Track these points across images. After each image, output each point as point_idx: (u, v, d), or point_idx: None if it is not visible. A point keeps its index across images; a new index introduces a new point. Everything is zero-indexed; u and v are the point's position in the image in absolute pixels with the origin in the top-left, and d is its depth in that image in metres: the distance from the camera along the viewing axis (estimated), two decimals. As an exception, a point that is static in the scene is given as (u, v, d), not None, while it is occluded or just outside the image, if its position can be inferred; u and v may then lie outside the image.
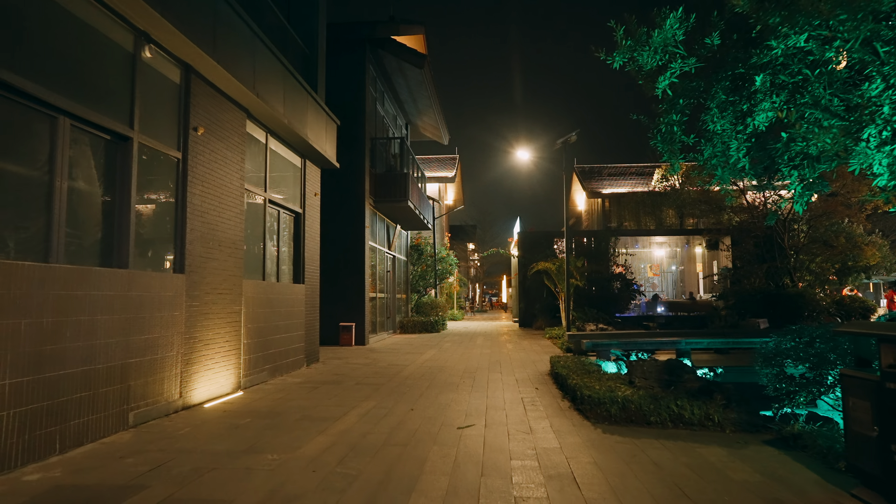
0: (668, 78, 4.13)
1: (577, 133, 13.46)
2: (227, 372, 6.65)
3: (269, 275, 8.39)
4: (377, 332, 15.23)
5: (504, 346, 13.39)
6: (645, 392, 5.18)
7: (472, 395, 6.70)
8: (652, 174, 29.88)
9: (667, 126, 4.59)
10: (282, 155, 8.88)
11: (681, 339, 8.95)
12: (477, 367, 9.45)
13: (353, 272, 13.46)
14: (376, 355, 11.23)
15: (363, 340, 13.38)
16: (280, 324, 8.32)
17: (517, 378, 8.11)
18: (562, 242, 20.41)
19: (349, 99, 13.64)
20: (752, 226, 17.90)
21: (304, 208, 9.58)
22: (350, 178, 13.56)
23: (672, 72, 4.10)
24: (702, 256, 22.83)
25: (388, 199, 14.60)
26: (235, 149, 7.02)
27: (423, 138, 20.82)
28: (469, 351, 12.15)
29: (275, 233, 8.66)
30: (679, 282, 24.54)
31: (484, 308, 46.80)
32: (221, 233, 6.60)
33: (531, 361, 10.13)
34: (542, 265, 16.00)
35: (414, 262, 20.52)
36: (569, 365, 7.34)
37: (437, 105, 17.19)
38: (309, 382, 7.74)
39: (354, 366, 9.52)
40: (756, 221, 17.88)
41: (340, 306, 13.44)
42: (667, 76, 4.13)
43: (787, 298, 15.36)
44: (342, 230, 13.51)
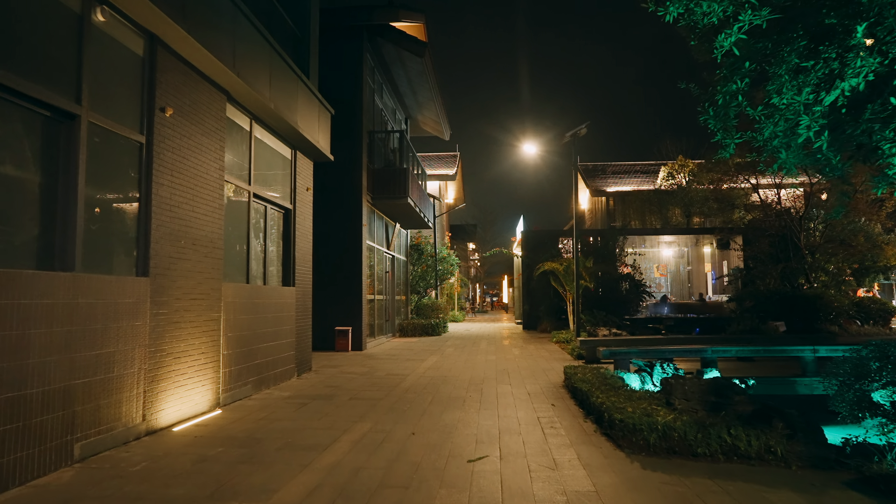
0: (734, 33, 3.32)
1: (587, 126, 12.64)
2: (202, 388, 5.82)
3: (255, 277, 7.57)
4: (375, 336, 14.41)
5: (509, 351, 12.57)
6: (689, 417, 4.36)
7: (482, 414, 5.88)
8: (657, 172, 29.08)
9: (724, 97, 3.77)
10: (269, 145, 8.05)
11: (706, 346, 8.13)
12: (483, 376, 8.63)
13: (350, 273, 12.64)
14: (374, 363, 10.41)
15: (360, 345, 12.56)
16: (267, 331, 7.50)
17: (529, 391, 7.29)
18: (567, 242, 19.59)
19: (345, 90, 12.81)
20: (766, 224, 17.10)
21: (295, 204, 8.76)
22: (346, 174, 12.74)
23: (740, 25, 3.29)
24: (711, 256, 22.03)
25: (387, 195, 13.77)
26: (213, 135, 6.20)
27: (424, 134, 19.99)
28: (473, 357, 11.33)
29: (261, 231, 7.83)
30: (687, 282, 23.75)
31: (485, 309, 46.02)
32: (196, 230, 5.78)
33: (541, 370, 9.30)
34: (548, 265, 15.19)
35: (414, 263, 19.71)
36: (588, 378, 6.52)
37: (439, 97, 16.36)
38: (298, 397, 6.92)
39: (350, 376, 8.70)
40: (771, 220, 17.09)
41: (336, 310, 12.62)
42: (733, 31, 3.31)
43: (804, 300, 14.54)
44: (338, 229, 12.69)
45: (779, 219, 17.16)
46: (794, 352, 8.02)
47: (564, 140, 13.01)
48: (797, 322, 14.40)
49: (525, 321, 19.73)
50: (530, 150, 13.44)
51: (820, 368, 7.99)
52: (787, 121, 3.77)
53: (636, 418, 4.45)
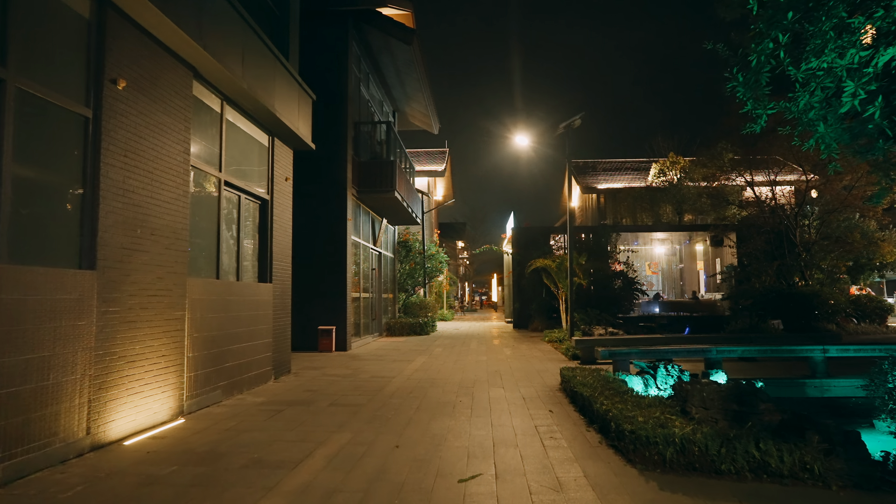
0: (778, -25, 2.82)
1: (581, 117, 12.14)
2: (162, 395, 5.21)
3: (227, 272, 6.95)
4: (361, 336, 13.81)
5: (501, 351, 12.03)
6: (709, 428, 3.84)
7: (473, 422, 5.33)
8: (648, 169, 28.74)
9: (758, 57, 3.25)
10: (243, 130, 7.43)
11: (711, 346, 7.64)
12: (474, 378, 8.08)
13: (334, 270, 12.03)
14: (358, 364, 9.81)
15: (345, 346, 11.96)
16: (240, 331, 6.88)
17: (524, 395, 6.75)
18: (559, 238, 19.11)
19: (330, 78, 12.20)
20: (761, 221, 16.74)
21: (273, 195, 8.14)
22: (330, 166, 12.13)
23: (784, -32, 2.79)
24: (703, 254, 21.68)
25: (373, 189, 13.17)
26: (177, 114, 5.58)
27: (412, 127, 19.40)
28: (463, 357, 10.77)
29: (234, 222, 7.21)
30: (679, 280, 23.39)
31: (474, 307, 45.52)
32: (156, 218, 5.16)
33: (535, 372, 8.77)
34: (540, 262, 14.68)
35: (402, 260, 19.12)
36: (588, 381, 5.99)
37: (427, 88, 15.77)
38: (272, 403, 6.31)
39: (331, 378, 8.10)
40: (766, 216, 16.73)
41: (319, 308, 12.01)
42: (776, -28, 2.82)
43: (801, 298, 14.16)
44: (321, 223, 12.07)
45: (774, 215, 16.82)
46: (802, 352, 7.56)
47: (558, 132, 12.50)
48: (793, 320, 14.03)
49: (516, 320, 19.23)
50: (522, 143, 12.93)
51: (830, 369, 7.54)
52: (825, 89, 3.25)
53: (649, 430, 3.92)
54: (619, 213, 27.65)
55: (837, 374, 7.68)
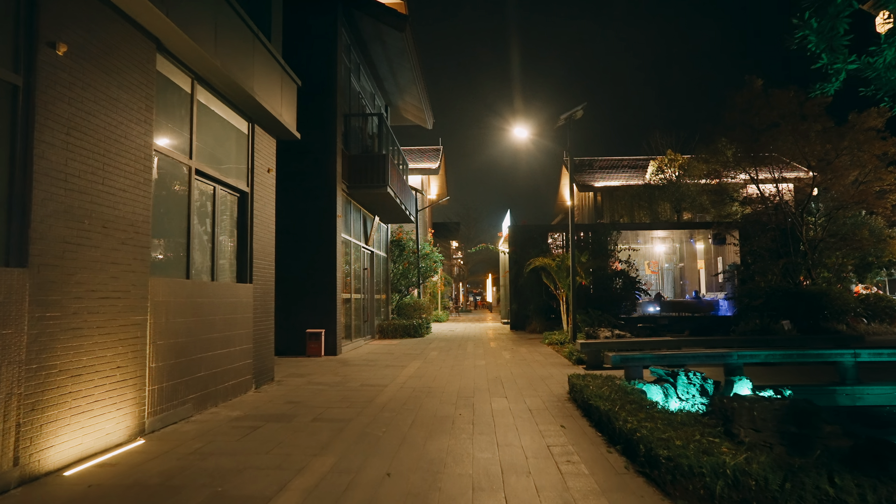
0: None
1: (584, 108, 11.50)
2: (117, 413, 4.49)
3: (200, 271, 6.23)
4: (352, 339, 13.09)
5: (500, 354, 11.36)
6: (766, 457, 3.17)
7: (477, 442, 4.64)
8: (646, 167, 28.21)
9: None
10: (218, 114, 6.71)
11: (731, 351, 7.00)
12: (474, 386, 7.40)
13: (323, 269, 11.32)
14: (348, 370, 9.11)
15: (335, 350, 11.24)
16: (214, 336, 6.16)
17: (530, 406, 6.08)
18: (557, 237, 18.48)
19: (318, 67, 11.48)
20: (766, 218, 16.17)
21: (253, 187, 7.42)
22: (319, 159, 11.41)
23: None
24: (704, 252, 21.11)
25: (365, 184, 12.47)
26: (137, 91, 4.86)
27: (405, 123, 18.70)
28: (460, 362, 10.09)
29: (208, 216, 6.48)
30: (679, 280, 22.83)
31: (468, 308, 44.84)
32: (109, 209, 4.44)
33: (539, 378, 8.10)
34: (539, 261, 14.02)
35: (395, 259, 18.41)
36: (604, 393, 5.32)
37: (421, 79, 15.08)
38: (249, 418, 5.60)
39: (318, 388, 7.39)
40: (771, 213, 16.16)
41: (307, 310, 11.29)
42: None
43: (810, 297, 13.58)
44: (309, 220, 11.35)
45: (779, 212, 16.26)
46: (831, 356, 6.93)
47: (559, 123, 11.84)
48: (801, 320, 13.46)
49: (513, 321, 18.57)
50: (521, 135, 12.27)
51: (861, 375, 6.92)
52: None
53: (691, 457, 3.25)
54: (617, 211, 27.09)
55: (864, 379, 7.07)
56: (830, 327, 13.59)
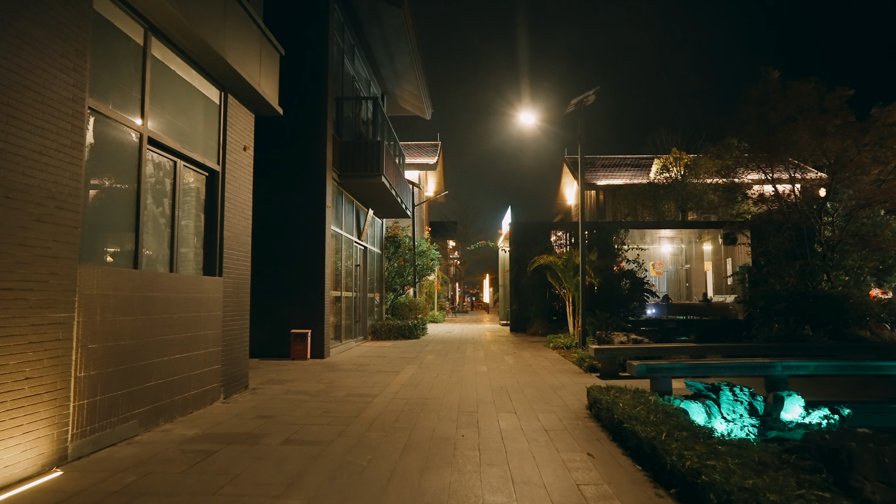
0: None
1: (596, 92, 10.53)
2: (23, 437, 3.46)
3: (154, 261, 5.20)
4: (342, 340, 12.07)
5: (502, 359, 10.36)
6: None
7: (485, 477, 3.64)
8: (649, 166, 27.31)
9: None
10: (181, 76, 5.69)
11: (774, 361, 6.03)
12: (476, 398, 6.40)
13: (310, 264, 10.30)
14: (335, 376, 8.09)
15: (322, 352, 10.22)
16: (171, 338, 5.14)
17: (545, 425, 5.08)
18: (560, 235, 17.50)
19: (309, 45, 10.47)
20: (782, 217, 15.23)
21: (225, 166, 6.40)
22: (307, 145, 10.39)
23: None
24: (712, 253, 20.18)
25: (357, 173, 11.45)
26: (64, 32, 3.84)
27: (403, 113, 17.69)
28: (460, 368, 9.09)
29: (166, 195, 5.46)
30: (685, 282, 21.90)
31: (465, 309, 43.84)
32: (17, 175, 3.42)
33: (550, 388, 7.11)
34: (544, 259, 13.04)
35: (390, 256, 17.40)
36: (640, 414, 4.32)
37: (420, 63, 14.07)
38: (207, 438, 4.58)
39: (297, 398, 6.37)
40: (788, 212, 15.22)
41: (292, 308, 10.27)
42: None
43: (830, 301, 12.63)
44: (296, 210, 10.34)
45: (794, 211, 15.33)
46: (891, 369, 5.96)
47: (569, 109, 10.87)
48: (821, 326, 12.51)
49: (513, 322, 17.58)
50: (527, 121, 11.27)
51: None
52: None
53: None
54: (619, 210, 26.15)
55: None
56: (852, 333, 12.65)
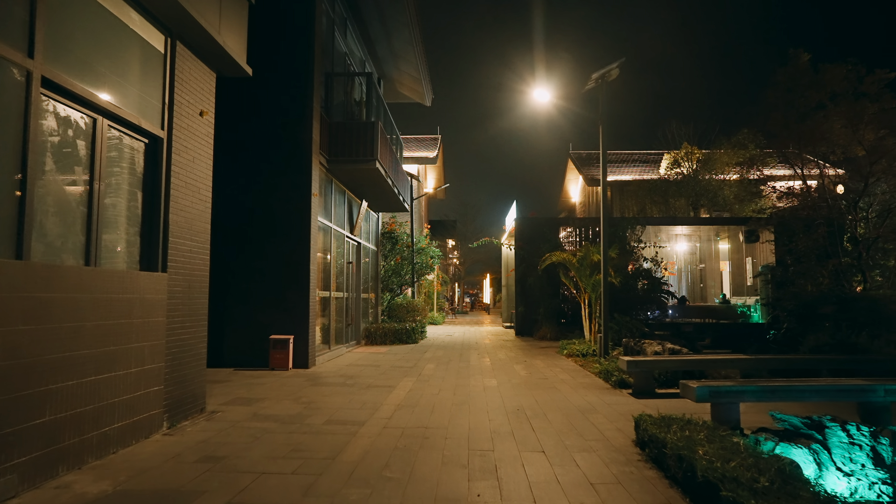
0: None
1: (620, 65, 9.15)
2: None
3: (57, 250, 3.80)
4: (331, 346, 10.68)
5: (511, 369, 8.98)
6: None
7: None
8: (658, 162, 25.98)
9: None
10: (107, 8, 4.29)
11: (875, 384, 4.65)
12: (491, 428, 5.01)
13: (293, 261, 8.91)
14: (317, 393, 6.69)
15: (306, 361, 8.83)
16: (80, 355, 3.75)
17: (587, 474, 3.70)
18: (570, 231, 16.12)
19: (293, 11, 9.09)
20: (813, 212, 13.86)
21: (172, 132, 5.00)
22: (290, 123, 9.01)
23: None
24: (730, 252, 18.81)
25: (349, 157, 10.06)
26: None
27: (401, 99, 16.29)
28: (465, 381, 7.70)
29: (79, 163, 4.05)
30: (699, 282, 20.54)
31: (464, 309, 42.42)
32: None
33: (578, 411, 5.73)
34: (557, 257, 11.66)
35: (386, 254, 16.01)
36: (741, 475, 2.94)
37: (419, 39, 12.64)
38: (113, 499, 3.19)
39: (262, 427, 4.98)
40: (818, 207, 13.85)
41: (273, 311, 8.88)
42: None
43: (871, 305, 11.27)
44: (276, 197, 8.95)
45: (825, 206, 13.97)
46: None
47: (589, 85, 9.49)
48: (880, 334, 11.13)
49: (519, 325, 16.19)
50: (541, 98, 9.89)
51: None
52: None
53: None
54: (628, 207, 24.79)
55: None
56: None
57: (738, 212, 20.99)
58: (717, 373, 7.27)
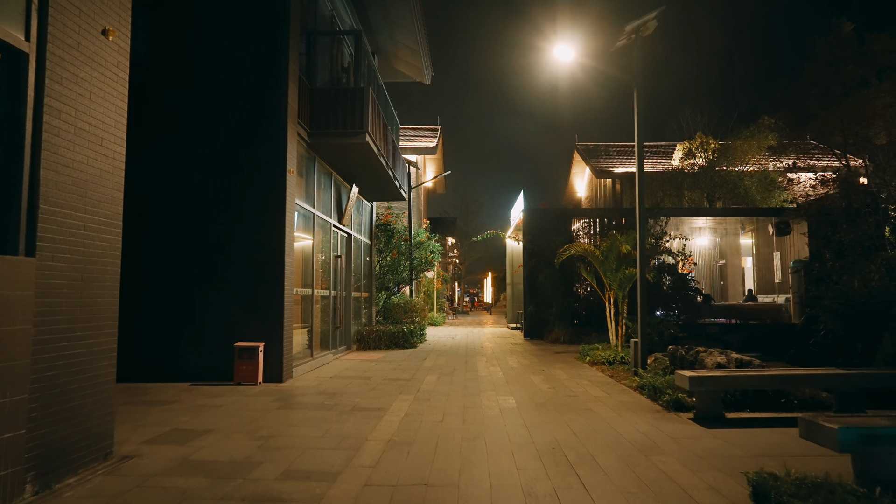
0: None
1: (659, 16, 7.49)
2: None
3: None
4: (314, 354, 8.99)
5: (531, 382, 7.30)
6: None
7: None
8: (670, 153, 24.35)
9: None
10: None
11: None
12: (522, 485, 3.33)
13: (264, 252, 7.23)
14: (283, 420, 5.00)
15: (280, 373, 7.15)
16: None
17: None
18: (584, 224, 14.44)
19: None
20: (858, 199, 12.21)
21: (43, 45, 3.31)
22: (259, 83, 7.34)
23: None
24: (756, 247, 17.16)
25: (333, 130, 8.38)
26: None
27: (398, 78, 14.58)
28: (475, 400, 6.02)
29: None
30: (719, 279, 18.89)
31: (465, 309, 40.74)
32: None
33: (637, 450, 4.04)
34: (578, 249, 9.99)
35: (381, 248, 14.33)
36: None
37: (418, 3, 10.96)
38: None
39: (185, 485, 3.29)
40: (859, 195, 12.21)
41: (239, 312, 7.21)
42: None
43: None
44: (240, 171, 7.28)
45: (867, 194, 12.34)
46: None
47: (620, 41, 7.82)
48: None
49: (528, 327, 14.51)
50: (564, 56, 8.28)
51: None
52: None
53: None
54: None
55: None
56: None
57: (760, 204, 19.36)
58: (801, 392, 5.61)
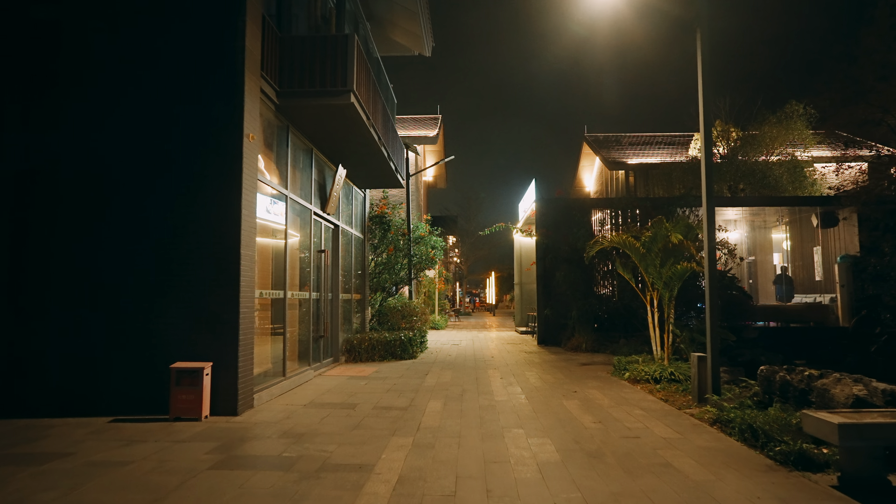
0: None
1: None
2: None
3: None
4: (287, 371, 7.11)
5: (564, 410, 5.44)
6: None
7: None
8: (685, 143, 22.50)
9: None
10: None
11: None
12: None
13: (212, 241, 5.37)
14: (207, 496, 3.12)
15: (234, 402, 5.29)
16: None
17: None
18: (605, 216, 12.56)
19: None
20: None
21: None
22: (205, 23, 5.49)
23: None
24: (792, 242, 15.29)
25: (310, 88, 6.50)
26: None
27: (394, 51, 12.69)
28: (498, 447, 4.14)
29: None
30: (748, 277, 17.02)
31: (466, 310, 38.80)
32: None
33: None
34: (615, 240, 8.12)
35: (377, 243, 12.46)
36: None
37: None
38: None
39: None
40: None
41: (180, 322, 5.35)
42: None
43: None
44: (174, 138, 5.43)
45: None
46: None
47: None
48: None
49: (543, 332, 12.63)
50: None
51: None
52: None
53: None
54: (653, 193, 21.25)
55: None
56: None
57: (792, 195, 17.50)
58: None
